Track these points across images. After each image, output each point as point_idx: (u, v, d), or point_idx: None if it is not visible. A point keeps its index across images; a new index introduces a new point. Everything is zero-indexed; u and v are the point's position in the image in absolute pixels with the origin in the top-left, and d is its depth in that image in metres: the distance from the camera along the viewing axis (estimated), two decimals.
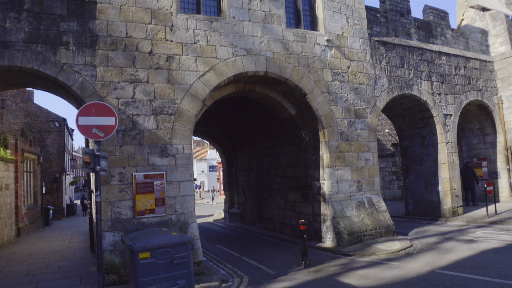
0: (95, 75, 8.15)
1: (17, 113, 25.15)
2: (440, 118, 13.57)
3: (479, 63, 15.59)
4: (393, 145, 22.73)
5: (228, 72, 9.33)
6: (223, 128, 17.61)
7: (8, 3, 7.72)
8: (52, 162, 26.17)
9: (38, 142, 24.00)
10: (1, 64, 7.58)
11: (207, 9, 9.63)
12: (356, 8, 11.58)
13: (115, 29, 8.40)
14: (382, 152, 23.97)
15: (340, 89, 10.98)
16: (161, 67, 8.65)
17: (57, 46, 7.94)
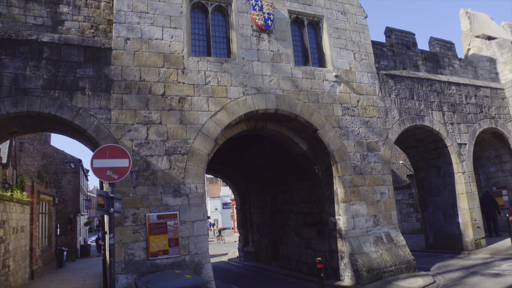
0: (109, 118, 8.36)
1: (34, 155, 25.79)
2: (455, 147, 13.37)
3: (490, 90, 15.53)
4: (409, 176, 22.32)
5: (239, 111, 9.49)
6: (236, 165, 17.63)
7: (28, 52, 8.14)
8: (67, 203, 26.40)
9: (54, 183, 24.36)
10: (20, 110, 7.87)
11: (217, 51, 9.99)
12: (363, 43, 11.83)
13: (129, 73, 8.72)
14: (398, 184, 23.53)
15: (351, 123, 11.00)
16: (173, 108, 8.85)
17: (74, 91, 8.24)
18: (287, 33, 10.74)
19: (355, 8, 12.11)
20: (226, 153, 15.87)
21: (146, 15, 9.20)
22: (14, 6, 9.57)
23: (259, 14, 10.29)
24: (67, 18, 9.94)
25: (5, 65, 7.87)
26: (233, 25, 10.13)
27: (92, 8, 10.20)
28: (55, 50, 8.39)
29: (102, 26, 10.14)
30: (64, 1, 10.02)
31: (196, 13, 10.10)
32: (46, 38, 8.37)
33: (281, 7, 10.87)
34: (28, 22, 9.61)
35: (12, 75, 7.86)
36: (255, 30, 10.27)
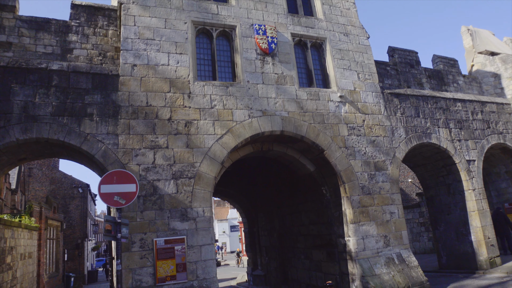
0: (117, 143, 8.44)
1: (42, 180, 26.00)
2: (463, 164, 13.22)
3: (496, 106, 15.46)
4: (418, 195, 22.01)
5: (245, 134, 9.54)
6: (243, 188, 17.56)
7: (38, 80, 8.33)
8: (75, 228, 26.38)
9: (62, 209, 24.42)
10: (30, 136, 7.99)
11: (223, 75, 10.14)
12: (366, 63, 11.94)
13: (136, 99, 8.85)
14: (407, 203, 23.19)
15: (357, 143, 10.98)
16: (180, 132, 8.93)
17: (82, 117, 8.37)
18: (291, 55, 10.90)
19: (357, 29, 12.30)
20: (233, 175, 15.84)
21: (153, 42, 9.42)
22: (25, 36, 9.88)
23: (263, 38, 10.49)
24: (76, 46, 10.22)
25: (16, 93, 8.04)
26: (237, 49, 10.32)
27: (100, 36, 10.49)
28: (64, 77, 8.58)
29: (109, 53, 10.39)
30: (73, 30, 10.33)
31: (201, 38, 10.32)
32: (55, 66, 8.56)
33: (284, 31, 11.07)
34: (38, 51, 9.89)
35: (22, 102, 8.02)
36: (259, 53, 10.45)
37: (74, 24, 10.37)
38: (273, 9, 11.22)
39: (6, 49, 9.57)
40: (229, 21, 10.47)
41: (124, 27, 9.36)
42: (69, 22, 10.38)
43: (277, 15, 11.21)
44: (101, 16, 10.66)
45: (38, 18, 10.13)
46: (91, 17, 10.58)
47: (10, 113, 7.89)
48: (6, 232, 11.77)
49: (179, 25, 9.85)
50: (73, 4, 10.58)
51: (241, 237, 38.90)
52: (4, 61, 8.25)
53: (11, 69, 8.19)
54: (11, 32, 9.72)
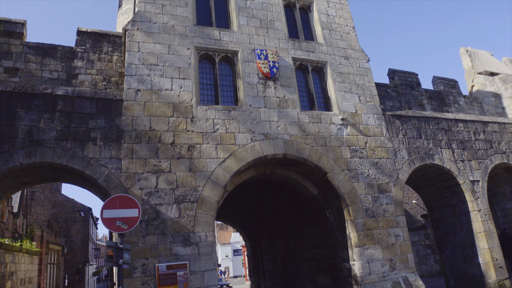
0: (120, 168, 8.46)
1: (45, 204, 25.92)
2: (468, 185, 13.12)
3: (498, 125, 15.46)
4: (423, 216, 21.75)
5: (248, 157, 9.55)
6: (245, 211, 17.43)
7: (43, 105, 8.43)
8: (76, 252, 26.09)
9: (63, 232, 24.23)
10: (34, 161, 8.02)
11: (225, 99, 10.26)
12: (367, 86, 12.06)
13: (139, 123, 8.93)
14: (413, 225, 22.89)
15: (360, 165, 10.96)
16: (183, 156, 8.95)
17: (86, 142, 8.42)
18: (292, 79, 11.04)
19: (357, 52, 12.49)
20: (236, 199, 15.76)
21: (156, 67, 9.58)
22: (32, 62, 10.10)
23: (265, 63, 10.66)
24: (81, 71, 10.42)
25: (21, 118, 8.14)
26: (239, 74, 10.48)
27: (105, 62, 10.70)
28: (68, 102, 8.68)
29: (114, 79, 10.57)
30: (79, 55, 10.55)
31: (204, 63, 10.50)
32: (60, 92, 8.68)
33: (286, 55, 11.26)
34: (44, 76, 10.09)
35: (26, 127, 8.10)
36: (261, 78, 10.60)
37: (80, 50, 10.60)
38: (274, 34, 11.46)
39: (13, 74, 9.77)
40: (231, 47, 10.67)
41: (128, 53, 9.55)
42: (74, 48, 10.61)
43: (278, 40, 11.43)
44: (106, 42, 10.91)
45: (45, 44, 10.38)
46: (96, 43, 10.82)
47: (15, 137, 7.96)
48: (7, 257, 11.66)
49: (182, 51, 10.04)
50: (79, 31, 10.85)
51: (244, 261, 38.23)
52: (11, 86, 8.38)
53: (17, 94, 8.32)
54: (18, 58, 9.95)
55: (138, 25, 9.92)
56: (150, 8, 10.28)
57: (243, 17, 11.30)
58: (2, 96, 8.19)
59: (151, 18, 10.17)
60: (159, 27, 10.12)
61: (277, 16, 11.85)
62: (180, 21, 10.43)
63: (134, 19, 10.01)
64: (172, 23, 10.31)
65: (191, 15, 10.66)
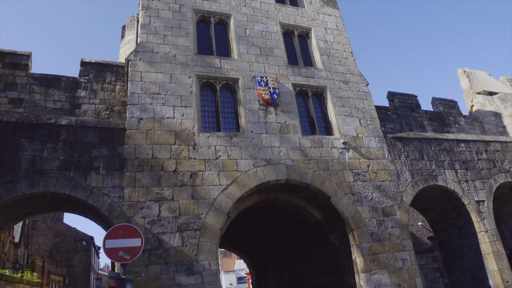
0: (122, 196, 8.44)
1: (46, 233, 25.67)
2: (473, 205, 12.98)
3: (500, 144, 15.43)
4: (430, 238, 21.39)
5: (250, 183, 9.53)
6: (249, 238, 17.19)
7: (47, 135, 8.51)
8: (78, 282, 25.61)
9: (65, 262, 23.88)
10: (36, 191, 8.03)
11: (227, 126, 10.35)
12: (367, 109, 12.16)
13: (142, 151, 8.97)
14: (419, 247, 22.49)
15: (363, 188, 10.90)
16: (185, 184, 8.94)
17: (88, 171, 8.44)
18: (293, 105, 11.16)
19: (356, 77, 12.67)
20: (239, 226, 15.59)
21: (158, 96, 9.72)
22: (36, 93, 10.28)
23: (265, 89, 10.81)
24: (84, 101, 10.58)
25: (25, 148, 8.20)
26: (240, 101, 10.61)
27: (108, 92, 10.88)
28: (72, 132, 8.77)
29: (117, 108, 10.72)
30: (82, 85, 10.74)
31: (205, 91, 10.66)
32: (64, 121, 8.78)
33: (286, 81, 11.44)
34: (48, 107, 10.24)
35: (30, 157, 8.15)
36: (262, 104, 10.72)
37: (83, 80, 10.80)
38: (274, 61, 11.68)
39: (17, 105, 9.92)
40: (232, 74, 10.86)
41: (131, 82, 9.72)
42: (78, 78, 10.81)
43: (278, 67, 11.64)
44: (109, 72, 11.13)
45: (49, 75, 10.59)
46: (99, 73, 11.04)
47: (18, 167, 8.00)
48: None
49: (184, 80, 10.22)
50: (83, 62, 11.09)
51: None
52: (15, 117, 8.50)
53: (21, 125, 8.42)
54: (23, 89, 10.13)
55: (141, 55, 10.15)
56: (152, 39, 10.54)
57: (243, 45, 11.56)
58: (6, 126, 8.30)
59: (153, 48, 10.41)
60: (161, 57, 10.34)
61: (276, 43, 12.12)
62: (182, 51, 10.67)
63: (136, 50, 10.24)
64: (173, 53, 10.54)
65: (192, 44, 10.92)
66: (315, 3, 13.99)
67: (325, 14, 13.83)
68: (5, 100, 9.87)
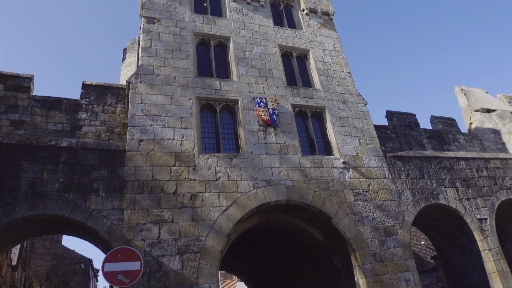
0: (122, 219, 8.38)
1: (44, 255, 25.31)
2: (475, 223, 12.87)
3: (500, 161, 15.42)
4: (433, 258, 21.10)
5: (251, 204, 9.49)
6: (250, 260, 16.98)
7: (47, 157, 8.53)
8: None
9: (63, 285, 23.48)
10: (36, 213, 7.99)
11: (227, 147, 10.39)
12: (366, 129, 12.23)
13: (142, 173, 8.97)
14: (423, 267, 22.16)
15: (364, 208, 10.84)
16: (185, 206, 8.90)
17: (88, 193, 8.42)
18: (292, 125, 11.23)
19: (355, 97, 12.80)
20: (240, 247, 15.43)
21: (159, 118, 9.80)
22: (37, 115, 10.35)
23: (264, 110, 10.90)
24: (85, 123, 10.64)
25: (25, 170, 8.21)
26: (240, 122, 10.68)
27: (109, 113, 10.96)
28: (72, 154, 8.79)
29: (117, 129, 10.77)
30: (83, 107, 10.82)
31: (205, 113, 10.75)
32: (64, 143, 8.82)
33: (285, 102, 11.55)
34: (49, 128, 10.29)
35: (30, 179, 8.15)
36: (262, 125, 10.79)
37: (84, 102, 10.89)
38: (273, 82, 11.83)
39: (18, 127, 9.97)
40: (231, 96, 10.98)
41: (131, 104, 9.81)
42: (79, 100, 10.91)
43: (277, 88, 11.78)
44: (110, 94, 11.24)
45: (51, 97, 10.68)
46: (100, 95, 11.14)
47: (18, 189, 7.99)
48: None
49: (184, 101, 10.32)
50: (84, 84, 11.21)
51: None
52: (16, 139, 8.54)
53: (22, 147, 8.46)
54: (24, 111, 10.21)
55: (141, 78, 10.28)
56: (153, 62, 10.71)
57: (242, 67, 11.73)
58: (7, 149, 8.33)
59: (154, 71, 10.56)
60: (161, 79, 10.48)
61: (275, 65, 12.30)
62: (182, 73, 10.82)
63: (137, 72, 10.39)
64: (174, 75, 10.69)
65: (192, 67, 11.08)
66: (312, 25, 14.28)
67: (323, 36, 14.09)
68: (6, 122, 9.93)
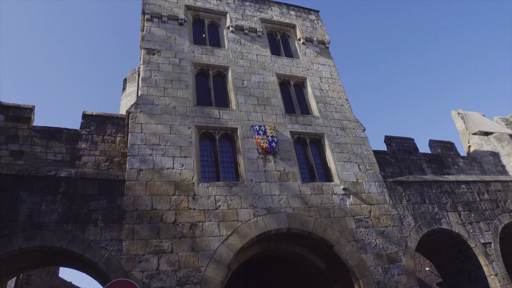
0: (121, 250, 8.26)
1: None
2: (480, 248, 12.67)
3: (501, 184, 15.36)
4: (439, 284, 20.69)
5: (251, 233, 9.37)
6: None
7: (46, 187, 8.49)
8: None
9: None
10: (33, 245, 7.87)
11: (226, 175, 10.37)
12: (365, 155, 12.26)
13: (141, 203, 8.91)
14: None
15: (366, 235, 10.71)
16: (185, 236, 8.79)
17: (87, 223, 8.33)
18: (292, 152, 11.27)
19: (353, 123, 12.91)
20: (240, 277, 15.11)
21: (158, 147, 9.83)
22: (37, 145, 10.38)
23: (263, 138, 10.97)
24: (85, 153, 10.67)
25: (23, 201, 8.15)
26: (239, 150, 10.72)
27: (108, 143, 11.01)
28: (71, 184, 8.76)
29: (117, 159, 10.79)
30: (83, 137, 10.88)
31: (204, 141, 10.80)
32: (63, 174, 8.80)
33: (283, 130, 11.63)
34: (49, 159, 10.30)
35: (28, 210, 8.08)
36: (261, 152, 10.82)
37: (84, 132, 10.96)
38: (271, 110, 11.96)
39: (18, 157, 9.99)
40: (230, 124, 11.07)
41: (131, 134, 9.87)
42: (79, 130, 10.99)
43: (275, 115, 11.90)
44: (110, 124, 11.33)
45: (51, 128, 10.76)
46: (100, 125, 11.23)
47: (15, 220, 7.91)
48: None
49: (184, 130, 10.39)
50: (84, 114, 11.33)
51: None
52: (15, 170, 8.52)
53: (21, 177, 8.43)
54: (24, 141, 10.25)
55: (141, 108, 10.39)
56: (152, 91, 10.86)
57: (241, 95, 11.89)
58: (6, 179, 8.30)
59: (154, 101, 10.69)
60: (161, 108, 10.59)
61: (273, 93, 12.48)
62: (181, 102, 10.96)
63: (137, 102, 10.51)
64: (173, 105, 10.81)
65: (192, 96, 11.23)
66: (309, 54, 14.59)
67: (319, 64, 14.37)
68: (6, 153, 9.96)
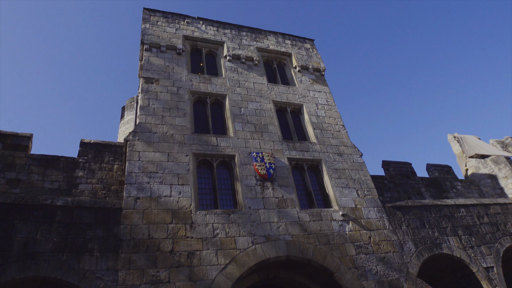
0: (116, 280, 8.09)
1: None
2: (482, 272, 12.47)
3: (500, 207, 15.28)
4: None
5: (250, 262, 9.22)
6: None
7: (42, 216, 8.40)
8: None
9: None
10: (27, 275, 7.71)
11: (224, 202, 10.31)
12: (363, 180, 12.26)
13: (138, 232, 8.80)
14: None
15: (366, 261, 10.55)
16: (182, 265, 8.64)
17: (82, 253, 8.19)
18: (289, 179, 11.26)
19: (350, 148, 12.98)
20: None
21: (156, 175, 9.81)
22: (34, 173, 10.35)
23: (261, 165, 10.99)
24: (82, 181, 10.63)
25: (18, 230, 8.04)
26: (237, 177, 10.71)
27: (106, 171, 10.99)
28: (67, 213, 8.68)
29: (114, 187, 10.75)
30: (80, 165, 10.86)
31: (202, 169, 10.80)
32: (60, 202, 8.73)
33: (281, 156, 11.67)
34: (45, 187, 10.24)
35: (23, 239, 7.96)
36: (259, 179, 10.81)
37: (82, 160, 10.96)
38: (268, 137, 12.04)
39: (14, 186, 9.93)
40: (228, 151, 11.11)
41: (129, 162, 9.87)
42: (77, 159, 10.99)
43: (273, 142, 11.96)
44: (107, 152, 11.35)
45: (48, 156, 10.76)
46: (98, 153, 11.25)
47: (10, 250, 7.78)
48: None
49: (181, 158, 10.41)
50: (82, 142, 11.36)
51: None
52: (11, 198, 8.46)
53: (17, 206, 8.36)
54: (21, 169, 10.22)
55: (139, 136, 10.44)
56: (150, 120, 10.95)
57: (238, 123, 12.00)
58: (1, 208, 8.23)
59: (152, 129, 10.76)
60: (159, 136, 10.65)
61: (270, 120, 12.60)
62: (179, 130, 11.03)
63: (135, 130, 10.57)
64: (171, 132, 10.88)
65: (189, 124, 11.32)
66: (305, 81, 14.85)
67: (315, 91, 14.60)
68: (2, 181, 9.92)
